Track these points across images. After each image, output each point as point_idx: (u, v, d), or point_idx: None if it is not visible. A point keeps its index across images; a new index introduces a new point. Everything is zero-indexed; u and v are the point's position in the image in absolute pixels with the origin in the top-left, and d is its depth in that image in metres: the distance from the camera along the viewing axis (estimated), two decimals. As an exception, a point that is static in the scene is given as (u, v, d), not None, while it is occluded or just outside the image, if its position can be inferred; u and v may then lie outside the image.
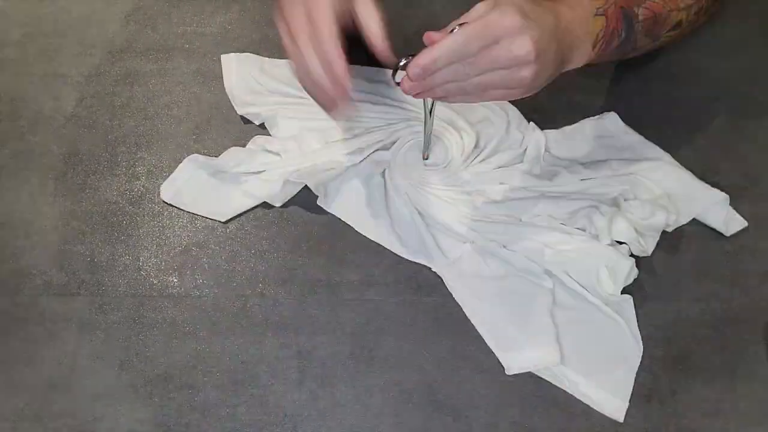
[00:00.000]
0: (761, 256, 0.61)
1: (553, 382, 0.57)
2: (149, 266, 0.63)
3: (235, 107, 0.70)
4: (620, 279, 0.59)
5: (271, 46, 0.72)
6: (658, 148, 0.66)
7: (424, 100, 0.58)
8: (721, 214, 0.62)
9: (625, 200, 0.62)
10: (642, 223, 0.61)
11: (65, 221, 0.65)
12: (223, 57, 0.73)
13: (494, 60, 0.49)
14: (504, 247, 0.62)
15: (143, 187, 0.66)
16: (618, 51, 0.59)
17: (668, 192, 0.63)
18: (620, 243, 0.61)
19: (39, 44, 0.74)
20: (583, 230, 0.61)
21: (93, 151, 0.68)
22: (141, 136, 0.68)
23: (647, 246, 0.61)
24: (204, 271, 0.62)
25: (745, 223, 0.63)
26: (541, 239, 0.61)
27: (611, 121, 0.67)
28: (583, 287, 0.60)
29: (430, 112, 0.60)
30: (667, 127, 0.67)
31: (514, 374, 0.57)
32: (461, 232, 0.63)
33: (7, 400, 0.57)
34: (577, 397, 0.56)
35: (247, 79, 0.71)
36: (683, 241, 0.62)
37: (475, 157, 0.66)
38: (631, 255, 0.60)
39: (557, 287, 0.60)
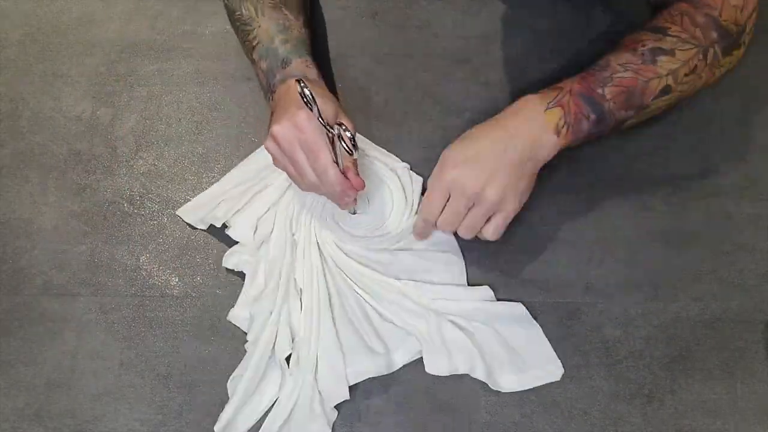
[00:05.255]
0: (761, 256, 0.61)
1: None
2: (149, 266, 0.63)
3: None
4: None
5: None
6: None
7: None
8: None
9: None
10: None
11: (65, 221, 0.65)
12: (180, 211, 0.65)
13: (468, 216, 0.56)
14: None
15: (143, 187, 0.66)
16: (597, 129, 0.56)
17: None
18: None
19: (39, 44, 0.74)
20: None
21: (93, 151, 0.68)
22: (141, 136, 0.68)
23: None
24: (204, 272, 0.62)
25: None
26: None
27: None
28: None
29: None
30: (666, 126, 0.67)
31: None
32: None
33: (7, 400, 0.57)
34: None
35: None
36: (683, 241, 0.62)
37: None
38: None
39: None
